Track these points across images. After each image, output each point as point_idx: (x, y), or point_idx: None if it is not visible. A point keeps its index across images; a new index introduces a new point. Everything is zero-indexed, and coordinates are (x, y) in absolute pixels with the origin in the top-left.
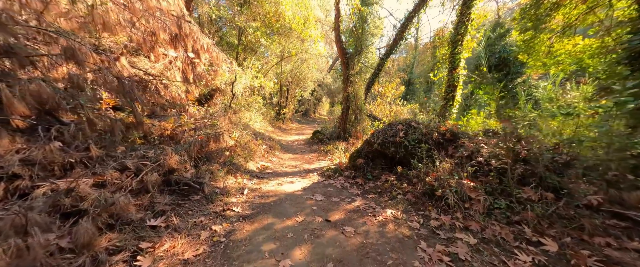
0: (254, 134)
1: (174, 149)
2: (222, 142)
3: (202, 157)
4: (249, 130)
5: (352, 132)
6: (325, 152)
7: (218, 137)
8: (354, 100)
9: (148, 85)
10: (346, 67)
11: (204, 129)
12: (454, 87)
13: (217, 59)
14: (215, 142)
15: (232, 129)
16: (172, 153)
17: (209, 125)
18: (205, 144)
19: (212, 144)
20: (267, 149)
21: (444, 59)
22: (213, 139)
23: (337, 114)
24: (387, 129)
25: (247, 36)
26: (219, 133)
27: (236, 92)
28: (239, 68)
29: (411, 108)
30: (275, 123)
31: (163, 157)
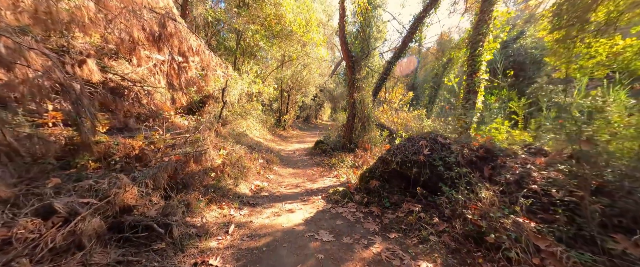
0: (249, 146)
1: (137, 176)
2: (206, 161)
3: (178, 184)
4: (245, 140)
5: (359, 142)
6: (330, 166)
7: (200, 156)
8: (361, 107)
9: (126, 92)
10: (352, 72)
11: (184, 146)
12: (474, 93)
13: (209, 62)
14: (197, 163)
15: (221, 144)
16: (130, 184)
17: (191, 141)
18: (181, 167)
19: (192, 166)
20: (263, 163)
21: (462, 62)
22: (193, 159)
23: (340, 120)
24: (407, 145)
25: (246, 40)
26: (201, 151)
27: (230, 100)
28: (235, 72)
29: (418, 114)
30: (276, 130)
31: (115, 191)
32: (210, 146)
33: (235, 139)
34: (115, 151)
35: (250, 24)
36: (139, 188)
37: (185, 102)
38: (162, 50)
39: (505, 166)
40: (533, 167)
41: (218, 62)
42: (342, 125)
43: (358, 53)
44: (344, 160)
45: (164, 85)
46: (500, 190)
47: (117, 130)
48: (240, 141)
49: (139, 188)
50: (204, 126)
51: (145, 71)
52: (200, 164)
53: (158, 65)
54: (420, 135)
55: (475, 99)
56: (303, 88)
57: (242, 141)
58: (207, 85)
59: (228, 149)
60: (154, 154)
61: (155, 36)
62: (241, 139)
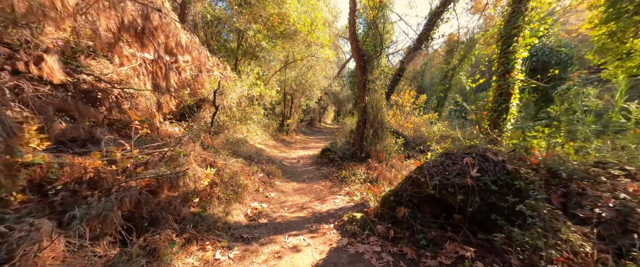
0: (248, 156)
1: (72, 219)
2: (186, 185)
3: (143, 219)
4: (244, 148)
5: (372, 151)
6: (340, 180)
7: (177, 179)
8: (373, 111)
9: (102, 95)
10: (363, 72)
11: (159, 164)
12: (507, 96)
13: (205, 62)
14: (172, 189)
15: (212, 158)
16: (55, 233)
17: (169, 158)
18: (148, 196)
19: (165, 193)
20: (264, 177)
21: (484, 61)
22: (168, 184)
23: (348, 126)
24: (445, 162)
25: (247, 40)
26: (180, 172)
27: (228, 103)
28: (233, 74)
29: (429, 118)
30: (278, 135)
31: (24, 250)
32: (194, 163)
33: (231, 149)
34: (56, 176)
35: (252, 23)
36: (71, 239)
37: (174, 107)
38: (147, 47)
39: (584, 194)
40: (628, 197)
41: (215, 62)
42: (350, 131)
43: (370, 51)
44: (356, 172)
45: (149, 87)
46: (597, 233)
47: (81, 142)
48: (238, 150)
49: (73, 238)
50: (188, 137)
51: (128, 71)
52: (177, 189)
53: (144, 64)
54: (462, 150)
55: (509, 103)
56: (307, 91)
57: (241, 149)
58: (202, 88)
59: (219, 163)
60: (114, 178)
61: (138, 30)
62: (240, 147)
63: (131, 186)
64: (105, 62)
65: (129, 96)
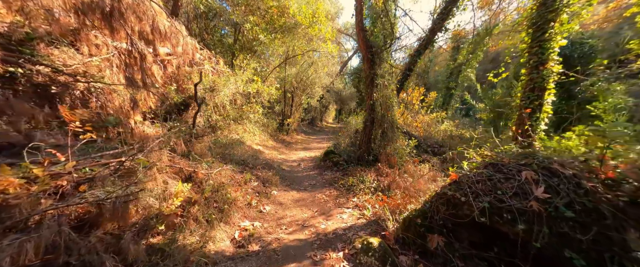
0: (242, 161)
1: None
2: (149, 207)
3: None
4: (240, 150)
5: (381, 155)
6: (347, 188)
7: (125, 204)
8: (382, 110)
9: (60, 89)
10: (371, 66)
11: (106, 180)
12: (540, 91)
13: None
14: (115, 219)
15: (191, 167)
16: None
17: (125, 171)
18: (70, 236)
19: (108, 224)
20: (258, 187)
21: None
22: (110, 212)
23: (352, 125)
24: (494, 177)
25: (245, 33)
26: (129, 195)
27: (221, 101)
28: (227, 68)
29: (436, 117)
30: (278, 135)
31: None
32: (161, 176)
33: (221, 154)
34: None
35: (250, 15)
36: None
37: (154, 104)
38: (118, 33)
39: None
40: None
41: (206, 55)
42: (354, 131)
43: (378, 43)
44: (365, 179)
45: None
46: None
47: (19, 148)
48: (231, 154)
49: None
50: (158, 142)
51: (98, 63)
52: (125, 218)
53: (119, 55)
54: (516, 159)
55: (542, 99)
56: (308, 88)
57: (234, 152)
58: (191, 84)
59: (201, 174)
60: (36, 203)
61: (105, 12)
62: (233, 149)
63: (63, 214)
64: (72, 52)
65: (99, 92)
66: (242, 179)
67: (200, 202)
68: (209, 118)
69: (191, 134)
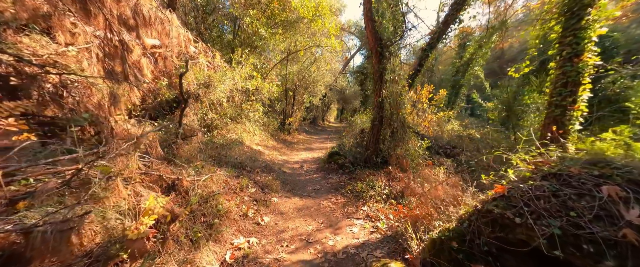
0: (239, 164)
1: None
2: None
3: None
4: (238, 151)
5: (391, 156)
6: (356, 195)
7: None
8: (392, 108)
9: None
10: (379, 60)
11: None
12: (574, 86)
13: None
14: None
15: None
16: None
17: (80, 182)
18: None
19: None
20: (256, 193)
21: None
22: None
23: (357, 125)
24: (561, 192)
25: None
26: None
27: (217, 97)
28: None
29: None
30: (279, 135)
31: None
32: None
33: (216, 156)
34: None
35: (249, 8)
36: None
37: (138, 100)
38: (96, 18)
39: None
40: None
41: (202, 48)
42: (360, 130)
43: (389, 34)
44: (374, 184)
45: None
46: None
47: None
48: (227, 156)
49: None
50: (129, 145)
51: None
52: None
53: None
54: (588, 169)
55: (577, 95)
56: (311, 86)
57: (231, 154)
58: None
59: (186, 182)
60: None
61: None
62: (231, 150)
63: None
64: (45, 41)
65: (75, 86)
66: (237, 185)
67: (183, 218)
68: (204, 116)
69: (177, 134)
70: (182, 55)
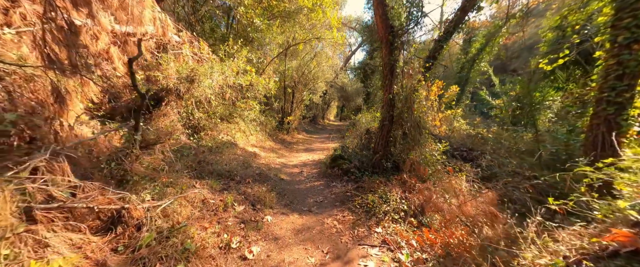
0: (226, 173)
1: None
2: None
3: None
4: (230, 154)
5: (404, 162)
6: (366, 210)
7: None
8: (404, 106)
9: None
10: (390, 51)
11: None
12: (632, 79)
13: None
14: None
15: (122, 203)
16: None
17: None
18: None
19: None
20: (245, 212)
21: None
22: None
23: (362, 124)
24: None
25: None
26: None
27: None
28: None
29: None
30: (278, 135)
31: None
32: None
33: (198, 165)
34: None
35: None
36: None
37: (96, 96)
38: None
39: None
40: None
41: (187, 37)
42: (365, 130)
43: (402, 22)
44: (388, 197)
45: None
46: None
47: None
48: (214, 162)
49: None
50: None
51: (12, 36)
52: None
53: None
54: None
55: (634, 90)
56: (310, 83)
57: (222, 158)
58: (166, 70)
59: (139, 211)
60: None
61: None
62: (221, 155)
63: None
64: None
65: (13, 78)
66: (221, 203)
67: None
68: (189, 116)
69: (133, 142)
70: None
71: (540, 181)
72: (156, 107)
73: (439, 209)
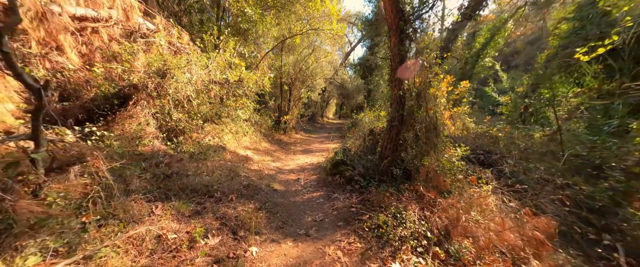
0: (203, 188)
1: None
2: None
3: None
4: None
5: (417, 170)
6: (379, 237)
7: None
8: (419, 105)
9: None
10: (400, 40)
11: None
12: None
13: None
14: None
15: None
16: None
17: None
18: None
19: None
20: (222, 243)
21: None
22: None
23: (365, 125)
24: None
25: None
26: None
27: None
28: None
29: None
30: (274, 135)
31: None
32: None
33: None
34: None
35: None
36: None
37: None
38: None
39: None
40: None
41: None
42: (368, 131)
43: (413, 7)
44: (404, 217)
45: None
46: None
47: None
48: (190, 177)
49: None
50: None
51: None
52: None
53: None
54: None
55: None
56: (309, 80)
57: (207, 165)
58: (124, 64)
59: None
60: None
61: None
62: (206, 160)
63: None
64: None
65: None
66: (186, 237)
67: None
68: (164, 117)
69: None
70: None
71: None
72: (123, 106)
73: (468, 232)
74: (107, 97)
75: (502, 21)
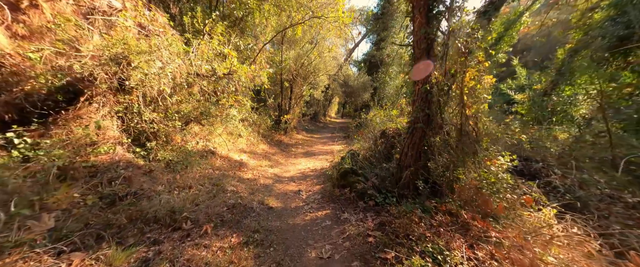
0: (169, 215)
1: None
2: None
3: None
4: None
5: (450, 187)
6: None
7: None
8: (453, 102)
9: None
10: (427, 21)
11: None
12: None
13: None
14: None
15: None
16: None
17: None
18: None
19: None
20: None
21: None
22: None
23: (376, 125)
24: None
25: None
26: None
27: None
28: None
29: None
30: (273, 135)
31: None
32: None
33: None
34: None
35: None
36: None
37: None
38: None
39: None
40: None
41: (130, 1)
42: (379, 133)
43: None
44: (446, 257)
45: None
46: None
47: None
48: (152, 199)
49: None
50: None
51: None
52: None
53: None
54: None
55: None
56: (311, 76)
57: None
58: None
59: None
60: None
61: None
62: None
63: None
64: None
65: None
66: None
67: None
68: (132, 118)
69: None
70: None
71: None
72: (72, 104)
73: None
74: (50, 92)
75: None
